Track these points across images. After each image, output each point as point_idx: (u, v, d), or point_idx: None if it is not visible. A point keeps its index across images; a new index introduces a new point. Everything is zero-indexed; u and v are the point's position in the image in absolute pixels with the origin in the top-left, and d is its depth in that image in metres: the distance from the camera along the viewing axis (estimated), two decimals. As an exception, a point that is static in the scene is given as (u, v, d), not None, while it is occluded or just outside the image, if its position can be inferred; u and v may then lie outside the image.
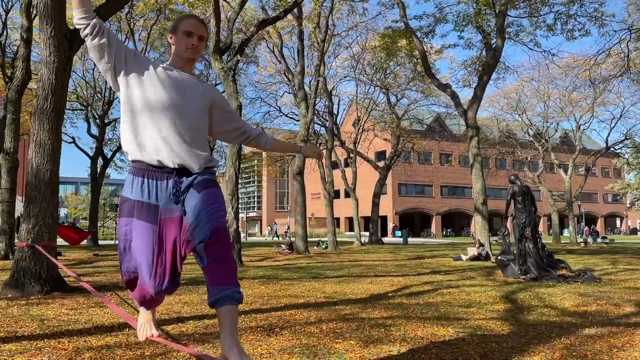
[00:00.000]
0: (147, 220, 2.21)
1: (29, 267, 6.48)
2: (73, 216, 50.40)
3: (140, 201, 2.23)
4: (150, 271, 2.20)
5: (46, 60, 6.81)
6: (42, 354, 3.42)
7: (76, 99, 24.68)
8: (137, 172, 2.28)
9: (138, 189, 2.24)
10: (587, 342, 3.90)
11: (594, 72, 21.98)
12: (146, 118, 2.27)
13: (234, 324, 2.05)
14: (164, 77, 2.34)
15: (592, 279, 8.47)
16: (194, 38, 2.38)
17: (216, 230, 2.10)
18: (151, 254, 2.19)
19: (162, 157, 2.23)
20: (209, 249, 2.07)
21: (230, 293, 2.06)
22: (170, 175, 2.24)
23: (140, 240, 2.20)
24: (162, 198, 2.22)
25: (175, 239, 2.18)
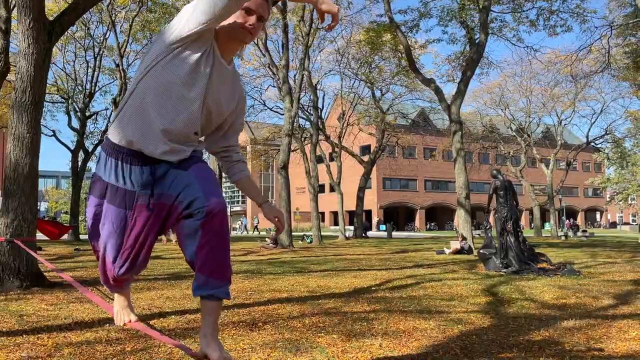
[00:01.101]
0: (119, 205, 2.03)
1: (8, 262, 6.38)
2: (54, 210, 49.74)
3: (114, 185, 2.02)
4: (115, 255, 2.09)
5: (25, 52, 6.68)
6: (21, 349, 3.37)
7: (56, 92, 24.27)
8: (111, 152, 2.02)
9: (112, 171, 2.02)
10: (566, 334, 3.96)
11: (575, 68, 22.26)
12: (164, 102, 1.95)
13: (217, 319, 2.02)
14: (211, 66, 2.00)
15: (572, 272, 8.61)
16: (252, 16, 1.98)
17: (216, 207, 1.88)
18: (120, 238, 2.06)
19: (152, 151, 1.97)
20: (207, 229, 1.87)
21: (224, 290, 1.95)
22: (147, 161, 2.00)
23: (109, 224, 2.05)
24: (137, 183, 2.00)
25: (146, 224, 2.02)
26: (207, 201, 1.88)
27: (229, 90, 2.11)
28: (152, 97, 1.94)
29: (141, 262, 2.13)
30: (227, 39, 2.02)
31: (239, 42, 2.04)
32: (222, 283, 1.95)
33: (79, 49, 24.10)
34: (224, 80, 2.06)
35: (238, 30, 1.98)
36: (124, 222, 2.04)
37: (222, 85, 2.06)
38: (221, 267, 1.94)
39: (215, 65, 2.00)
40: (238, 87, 2.18)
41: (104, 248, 2.12)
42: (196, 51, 1.93)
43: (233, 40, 2.02)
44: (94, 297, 2.73)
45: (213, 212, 1.87)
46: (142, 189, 2.00)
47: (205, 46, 1.96)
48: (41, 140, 7.01)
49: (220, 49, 2.02)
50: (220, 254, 1.92)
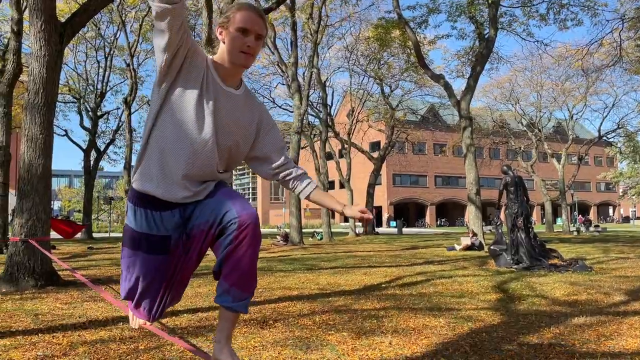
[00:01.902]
0: (155, 252, 2.01)
1: (23, 261, 6.48)
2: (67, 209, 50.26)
3: (148, 234, 2.00)
4: (151, 304, 2.12)
5: (37, 54, 6.76)
6: (37, 348, 3.44)
7: (68, 92, 24.52)
8: (139, 202, 1.99)
9: (143, 221, 1.99)
10: (576, 331, 3.96)
11: (586, 62, 22.03)
12: (179, 150, 1.91)
13: (232, 327, 2.02)
14: (214, 100, 1.94)
15: (584, 267, 8.56)
16: (250, 37, 1.92)
17: (248, 219, 1.83)
18: (159, 284, 2.07)
19: (175, 199, 1.94)
20: (238, 241, 1.83)
21: (244, 304, 1.94)
22: (175, 205, 1.97)
23: (147, 274, 2.05)
24: (169, 228, 1.98)
25: (183, 263, 2.04)
26: (238, 214, 1.85)
27: (244, 114, 2.04)
28: (165, 146, 1.91)
29: (176, 297, 2.19)
30: (229, 66, 1.97)
31: (240, 67, 1.97)
32: (244, 295, 1.93)
33: (89, 49, 24.32)
34: (234, 107, 2.00)
35: (237, 55, 1.93)
36: (163, 268, 2.04)
37: (235, 113, 2.00)
38: (246, 278, 1.90)
39: (220, 97, 1.96)
40: (256, 107, 2.10)
41: (140, 296, 2.12)
42: (192, 87, 1.90)
43: (234, 66, 1.96)
44: (108, 297, 2.78)
45: (245, 223, 1.84)
46: (175, 231, 1.99)
47: (199, 79, 1.91)
48: (54, 140, 7.10)
49: (223, 76, 1.98)
50: (247, 265, 1.88)
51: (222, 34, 1.97)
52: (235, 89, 2.02)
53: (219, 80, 1.97)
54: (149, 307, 2.13)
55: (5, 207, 13.14)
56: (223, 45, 1.96)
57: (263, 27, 1.96)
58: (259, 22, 1.94)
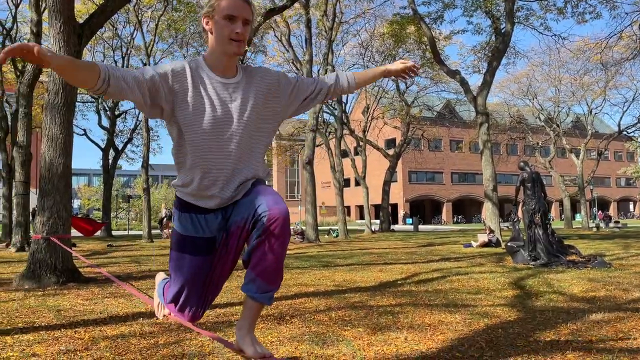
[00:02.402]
0: (200, 253, 2.07)
1: (45, 259, 6.62)
2: (86, 207, 51.00)
3: (193, 236, 2.06)
4: (196, 304, 2.16)
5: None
6: (60, 343, 3.53)
7: (86, 91, 24.87)
8: (183, 208, 2.07)
9: (189, 224, 2.06)
10: (594, 327, 3.94)
11: (605, 55, 21.67)
12: (202, 161, 1.97)
13: (256, 317, 2.07)
14: (208, 98, 1.95)
15: (602, 264, 8.46)
16: (237, 24, 1.89)
17: (278, 213, 1.85)
18: (203, 286, 2.13)
19: (214, 200, 2.01)
20: (268, 233, 1.85)
21: (268, 295, 1.98)
22: (219, 208, 2.05)
23: (192, 274, 2.10)
24: (213, 229, 2.05)
25: (225, 261, 2.12)
26: (269, 208, 1.87)
27: (252, 94, 2.02)
28: (193, 162, 1.97)
29: (215, 295, 2.23)
30: (221, 56, 1.96)
31: (233, 55, 1.95)
32: (269, 287, 1.96)
33: (107, 49, 24.65)
34: (237, 94, 1.99)
35: (227, 45, 1.92)
36: (207, 268, 2.10)
37: (242, 98, 2.00)
38: (271, 271, 1.93)
39: (220, 95, 1.96)
40: (263, 79, 2.06)
41: (185, 299, 2.15)
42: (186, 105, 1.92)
43: (227, 55, 1.95)
44: (133, 291, 2.84)
45: (275, 217, 1.86)
46: (219, 232, 2.06)
47: (186, 95, 1.92)
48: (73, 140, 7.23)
49: (218, 69, 1.98)
50: (273, 259, 1.90)
51: (209, 24, 1.95)
52: (234, 76, 2.01)
53: (215, 75, 1.97)
54: (193, 309, 2.16)
55: (26, 205, 13.41)
56: (211, 36, 1.94)
57: (249, 11, 1.94)
58: (245, 6, 1.92)
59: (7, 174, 17.32)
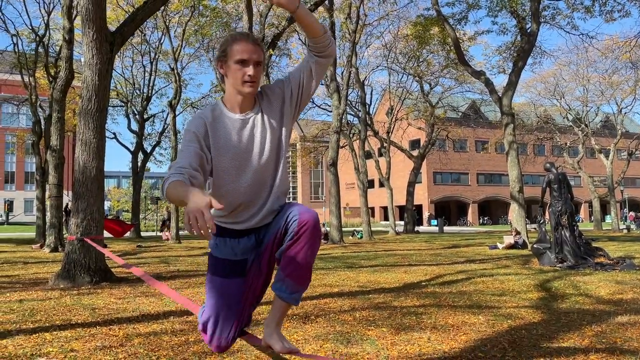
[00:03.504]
0: (234, 276, 2.17)
1: (79, 259, 6.87)
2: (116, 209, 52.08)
3: (225, 259, 2.18)
4: (229, 328, 2.20)
5: (89, 63, 7.15)
6: (96, 339, 3.70)
7: (116, 96, 25.46)
8: (218, 233, 2.18)
9: (223, 248, 2.18)
10: (619, 329, 3.93)
11: (635, 54, 21.22)
12: (234, 193, 2.11)
13: (283, 315, 2.17)
14: (235, 141, 2.08)
15: (632, 266, 8.34)
16: (249, 67, 2.00)
17: (309, 218, 1.97)
18: (235, 309, 2.19)
19: (247, 225, 2.16)
20: (298, 236, 1.97)
21: (295, 296, 2.08)
22: (252, 231, 2.17)
23: (221, 298, 2.19)
24: (247, 252, 2.17)
25: (257, 281, 2.20)
26: (299, 213, 1.99)
27: (270, 122, 2.13)
28: (224, 193, 2.10)
29: (244, 322, 2.28)
30: (237, 96, 2.07)
31: (247, 95, 2.06)
32: (297, 288, 2.05)
33: (135, 55, 25.19)
34: (256, 127, 2.10)
35: (241, 87, 2.02)
36: (240, 291, 2.19)
37: (261, 130, 2.11)
38: (301, 272, 2.03)
39: (240, 132, 2.08)
40: (274, 100, 2.15)
41: (214, 322, 2.21)
42: (215, 151, 2.06)
43: (241, 94, 2.06)
44: (165, 289, 2.98)
45: (305, 221, 1.97)
46: (251, 254, 2.18)
47: (208, 142, 2.05)
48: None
49: (237, 107, 2.09)
50: (303, 260, 2.00)
51: (223, 68, 2.06)
52: (251, 110, 2.12)
53: (233, 115, 2.09)
54: (223, 335, 2.20)
55: (60, 207, 13.83)
56: (227, 78, 2.07)
57: (260, 53, 2.03)
58: (255, 49, 2.02)
59: (41, 176, 17.89)
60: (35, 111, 18.67)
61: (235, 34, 2.09)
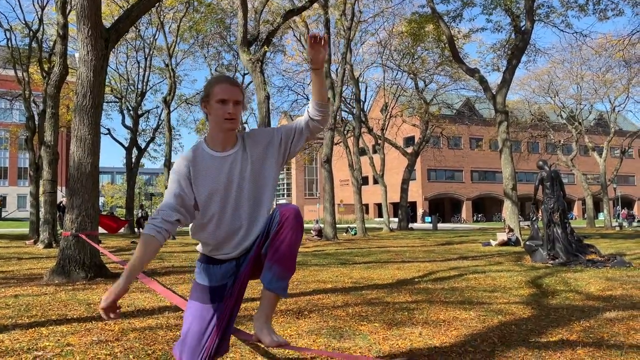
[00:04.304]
0: (205, 301, 2.29)
1: (74, 255, 6.89)
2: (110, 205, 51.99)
3: (206, 286, 2.32)
4: (200, 352, 2.25)
5: (84, 59, 7.15)
6: (92, 334, 3.74)
7: (110, 92, 25.39)
8: (203, 259, 2.38)
9: (205, 274, 2.34)
10: (606, 325, 4.01)
11: (628, 52, 21.36)
12: (215, 227, 2.26)
13: (273, 308, 2.23)
14: (215, 177, 2.25)
15: (622, 263, 8.45)
16: (229, 105, 2.20)
17: (289, 210, 2.14)
18: (208, 335, 2.26)
19: (229, 256, 2.30)
20: (281, 227, 2.11)
21: (285, 285, 2.17)
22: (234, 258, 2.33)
23: (197, 324, 2.27)
24: (226, 276, 2.31)
25: (234, 304, 2.29)
26: (280, 210, 2.16)
27: (251, 158, 2.28)
28: (206, 231, 2.28)
29: (224, 348, 2.35)
30: (219, 133, 2.25)
31: (227, 131, 2.24)
32: (284, 275, 2.15)
33: (130, 50, 25.11)
34: (237, 163, 2.26)
35: (222, 123, 2.21)
36: (217, 315, 2.28)
37: (240, 166, 2.26)
38: (287, 258, 2.14)
39: (220, 170, 2.24)
40: (260, 141, 2.33)
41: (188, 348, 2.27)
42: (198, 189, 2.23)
43: (223, 131, 2.24)
44: (156, 287, 3.03)
45: (286, 213, 2.13)
46: (231, 278, 2.32)
47: (189, 182, 2.23)
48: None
49: (218, 145, 2.26)
50: (287, 247, 2.13)
51: (206, 108, 2.26)
52: (232, 147, 2.29)
53: (214, 152, 2.27)
54: (201, 357, 2.25)
55: (54, 203, 13.81)
56: (210, 116, 2.26)
57: (239, 93, 2.24)
58: (234, 90, 2.22)
59: (34, 172, 17.84)
60: (29, 106, 18.59)
61: (217, 76, 2.32)
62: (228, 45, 25.23)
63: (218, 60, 26.72)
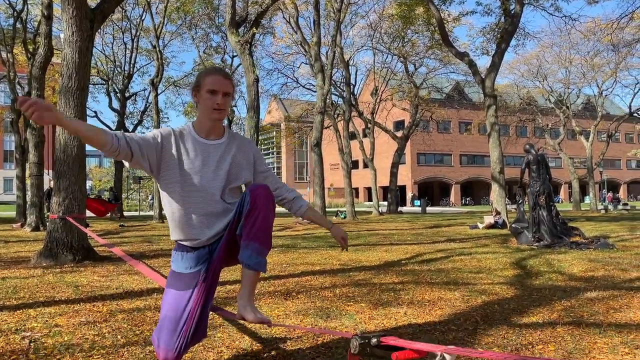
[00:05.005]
0: (180, 288, 2.33)
1: (61, 237, 6.88)
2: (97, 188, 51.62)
3: (180, 273, 2.37)
4: (175, 337, 2.27)
5: (69, 40, 7.06)
6: (80, 315, 3.76)
7: (96, 74, 25.05)
8: (178, 247, 2.43)
9: (180, 261, 2.39)
10: (587, 304, 4.10)
11: (616, 37, 21.44)
12: (184, 207, 2.32)
13: (254, 285, 2.30)
14: (193, 158, 2.32)
15: (605, 245, 8.60)
16: (218, 96, 2.29)
17: (258, 188, 2.20)
18: (183, 321, 2.28)
19: (201, 242, 2.36)
20: (253, 205, 2.16)
21: (264, 261, 2.24)
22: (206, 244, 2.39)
23: (172, 310, 2.30)
24: (200, 262, 2.37)
25: (208, 290, 2.34)
26: (250, 190, 2.22)
27: (234, 155, 2.39)
28: (180, 214, 2.33)
29: (201, 333, 2.38)
30: (206, 121, 2.34)
31: (214, 121, 2.34)
32: (261, 250, 2.21)
33: (116, 31, 24.72)
34: (220, 153, 2.36)
35: (210, 112, 2.31)
36: (192, 301, 2.31)
37: (223, 156, 2.36)
38: (263, 232, 2.21)
39: (204, 151, 2.33)
40: (247, 147, 2.46)
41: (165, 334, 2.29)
42: (174, 164, 2.30)
43: (210, 120, 2.33)
44: (144, 269, 3.05)
45: (256, 191, 2.20)
46: (204, 264, 2.38)
47: (174, 156, 2.29)
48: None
49: (205, 132, 2.36)
50: (263, 221, 2.19)
51: (196, 97, 2.34)
52: (219, 138, 2.40)
53: (199, 137, 2.36)
54: (172, 344, 2.27)
55: (40, 186, 13.71)
56: (199, 105, 2.35)
57: (229, 85, 2.32)
58: (225, 82, 2.31)
59: (20, 155, 17.65)
60: (14, 88, 18.31)
61: (211, 68, 2.42)
62: (216, 26, 24.92)
63: (206, 42, 26.40)
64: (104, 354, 2.83)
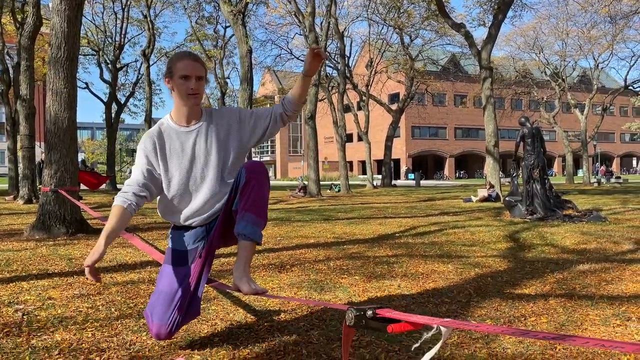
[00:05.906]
0: (177, 265, 2.38)
1: (54, 210, 6.83)
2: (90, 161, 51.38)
3: (178, 249, 2.41)
4: (169, 313, 2.29)
5: (57, 9, 6.88)
6: (73, 288, 3.75)
7: (87, 44, 24.61)
8: (175, 226, 2.48)
9: (177, 239, 2.44)
10: (579, 276, 4.14)
11: (613, 8, 21.20)
12: (178, 200, 2.38)
13: (250, 256, 2.28)
14: (181, 155, 2.35)
15: (598, 218, 8.65)
16: (191, 81, 2.29)
17: (252, 163, 2.25)
18: (177, 297, 2.31)
19: (197, 224, 2.42)
20: (248, 178, 2.19)
21: (260, 232, 2.24)
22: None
23: (168, 286, 2.33)
24: (197, 239, 2.41)
25: (203, 266, 2.34)
26: (244, 167, 2.24)
27: (216, 132, 2.38)
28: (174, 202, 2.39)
29: (195, 311, 2.38)
30: (183, 107, 2.35)
31: (191, 106, 2.34)
32: (257, 220, 2.21)
33: (106, 0, 24.20)
34: (202, 136, 2.36)
35: (185, 98, 2.31)
36: (188, 278, 2.36)
37: (206, 138, 2.37)
38: (258, 203, 2.22)
39: (184, 139, 2.35)
40: (225, 117, 2.44)
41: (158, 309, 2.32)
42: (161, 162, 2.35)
43: (187, 106, 2.34)
44: (138, 243, 3.02)
45: (251, 166, 2.23)
46: (202, 240, 2.42)
47: (156, 156, 2.34)
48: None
49: (183, 119, 2.37)
50: (258, 192, 2.21)
51: (170, 83, 2.34)
52: (197, 121, 2.40)
53: (178, 127, 2.38)
54: (165, 320, 2.30)
55: (32, 158, 13.58)
56: (173, 92, 2.35)
57: (201, 68, 2.32)
58: (197, 65, 2.31)
59: (11, 127, 17.43)
60: (3, 59, 17.95)
61: (179, 52, 2.40)
62: (209, -4, 24.46)
63: (199, 12, 25.93)
64: (97, 326, 2.82)
